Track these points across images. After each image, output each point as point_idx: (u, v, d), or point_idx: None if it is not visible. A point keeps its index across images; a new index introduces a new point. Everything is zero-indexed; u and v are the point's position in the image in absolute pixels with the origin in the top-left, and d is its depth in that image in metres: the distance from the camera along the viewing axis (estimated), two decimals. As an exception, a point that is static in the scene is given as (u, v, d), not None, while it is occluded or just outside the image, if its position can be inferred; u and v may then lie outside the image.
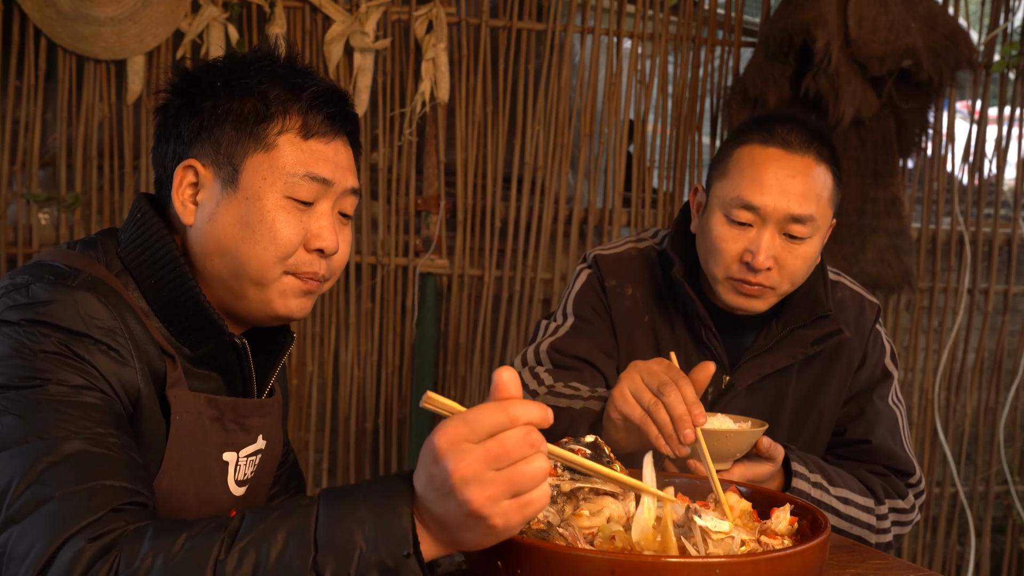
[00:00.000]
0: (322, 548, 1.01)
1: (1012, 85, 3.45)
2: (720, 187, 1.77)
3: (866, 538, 1.78)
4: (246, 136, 1.32)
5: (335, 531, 1.01)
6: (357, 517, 1.01)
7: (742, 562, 1.08)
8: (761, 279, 1.73)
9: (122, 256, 1.33)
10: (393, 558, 1.00)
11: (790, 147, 1.73)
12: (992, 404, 3.59)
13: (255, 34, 3.08)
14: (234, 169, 1.31)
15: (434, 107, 3.20)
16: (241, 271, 1.32)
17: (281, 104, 1.33)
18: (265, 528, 1.03)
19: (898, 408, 1.90)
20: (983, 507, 3.63)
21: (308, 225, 1.34)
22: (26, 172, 3.08)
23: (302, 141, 1.33)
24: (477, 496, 0.96)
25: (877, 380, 1.89)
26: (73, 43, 2.96)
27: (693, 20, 3.36)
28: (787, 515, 1.28)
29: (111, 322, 1.22)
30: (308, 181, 1.33)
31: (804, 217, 1.71)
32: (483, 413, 0.96)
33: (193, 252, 1.34)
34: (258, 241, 1.31)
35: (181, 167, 1.32)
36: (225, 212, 1.31)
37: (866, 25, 3.04)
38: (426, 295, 3.27)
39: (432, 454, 0.97)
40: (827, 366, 1.86)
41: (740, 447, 1.59)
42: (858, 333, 1.89)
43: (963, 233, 3.51)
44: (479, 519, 0.97)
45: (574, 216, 3.36)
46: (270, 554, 1.01)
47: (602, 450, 1.35)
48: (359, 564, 1.00)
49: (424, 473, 0.99)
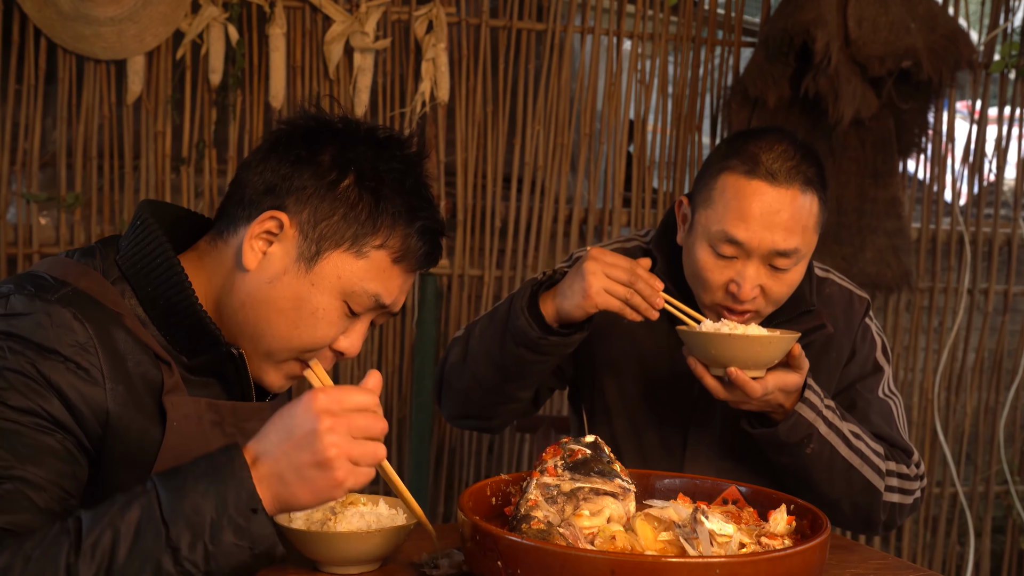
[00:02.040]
0: (172, 524, 1.08)
1: (1012, 85, 3.45)
2: (704, 216, 1.75)
3: (876, 484, 1.77)
4: (347, 231, 1.30)
5: (181, 506, 1.08)
6: (200, 490, 1.09)
7: (742, 562, 1.08)
8: (746, 306, 1.74)
9: (120, 264, 1.32)
10: (243, 516, 1.09)
11: (776, 180, 1.70)
12: (992, 404, 3.59)
13: (255, 34, 3.08)
14: (318, 251, 1.30)
15: (434, 107, 3.20)
16: (262, 339, 1.32)
17: (392, 221, 1.31)
18: (110, 520, 1.08)
19: (892, 399, 1.90)
20: (983, 507, 3.63)
21: (345, 328, 1.34)
22: (26, 172, 3.08)
23: (390, 263, 1.32)
24: (334, 448, 1.10)
25: (868, 374, 1.90)
26: (73, 43, 2.96)
27: (693, 20, 3.36)
28: (784, 516, 1.29)
29: (84, 340, 1.21)
30: (371, 299, 1.33)
31: (789, 251, 1.71)
32: (356, 392, 1.14)
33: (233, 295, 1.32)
34: (298, 328, 1.31)
35: (269, 214, 1.29)
36: (287, 284, 1.30)
37: (866, 25, 3.04)
38: (426, 295, 3.27)
39: (308, 409, 1.11)
40: (816, 362, 1.86)
41: (776, 354, 1.62)
42: (847, 327, 1.89)
43: (963, 233, 3.51)
44: (326, 470, 1.10)
45: (574, 216, 3.36)
46: (121, 543, 1.07)
47: (602, 450, 1.35)
48: (212, 530, 1.08)
49: (281, 429, 1.12)
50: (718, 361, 1.63)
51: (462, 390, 1.89)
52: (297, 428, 1.11)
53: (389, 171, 1.32)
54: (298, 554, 1.34)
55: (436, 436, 3.36)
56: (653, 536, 1.20)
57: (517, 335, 1.73)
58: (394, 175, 1.32)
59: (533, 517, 1.21)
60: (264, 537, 1.10)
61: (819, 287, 1.90)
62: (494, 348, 1.79)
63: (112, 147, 3.11)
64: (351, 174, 1.31)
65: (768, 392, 1.65)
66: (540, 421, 2.31)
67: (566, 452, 1.32)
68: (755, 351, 1.60)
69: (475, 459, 3.40)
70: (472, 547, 1.18)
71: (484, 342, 1.82)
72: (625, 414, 1.93)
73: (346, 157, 1.31)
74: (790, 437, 1.70)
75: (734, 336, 1.61)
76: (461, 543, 1.26)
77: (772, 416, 1.72)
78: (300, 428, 1.11)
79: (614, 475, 1.30)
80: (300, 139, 1.33)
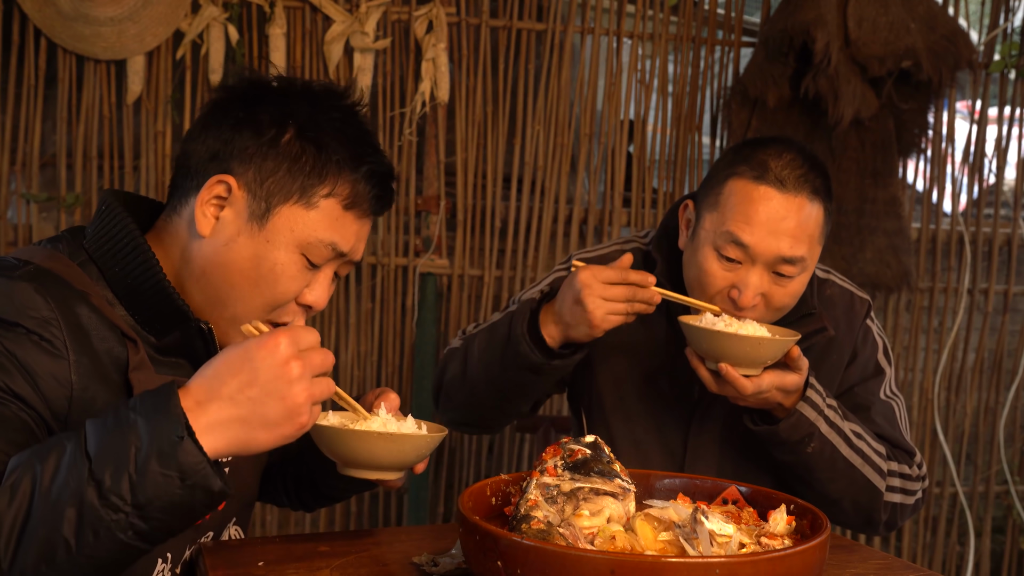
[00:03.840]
0: (96, 457, 1.04)
1: (1012, 85, 3.45)
2: (710, 219, 1.74)
3: (877, 484, 1.77)
4: (294, 184, 1.31)
5: (106, 440, 1.05)
6: (128, 422, 1.06)
7: (742, 562, 1.08)
8: (746, 314, 1.73)
9: (87, 247, 1.34)
10: (169, 443, 1.04)
11: (784, 187, 1.69)
12: (992, 404, 3.59)
13: (255, 34, 3.08)
14: (268, 208, 1.31)
15: (434, 107, 3.20)
16: (227, 303, 1.33)
17: (338, 168, 1.33)
18: (31, 460, 1.06)
19: (894, 400, 1.90)
20: (983, 507, 3.63)
21: (308, 281, 1.35)
22: (26, 172, 3.08)
23: (341, 210, 1.34)
24: (302, 392, 1.10)
25: (869, 376, 1.89)
26: (73, 43, 2.96)
27: (693, 20, 3.36)
28: (784, 516, 1.28)
29: (46, 312, 1.22)
30: (328, 249, 1.34)
31: (795, 259, 1.70)
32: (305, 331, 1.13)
33: (192, 263, 1.34)
34: (259, 287, 1.32)
35: (216, 179, 1.31)
36: (243, 245, 1.31)
37: (866, 26, 3.04)
38: (426, 295, 3.27)
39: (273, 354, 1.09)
40: (817, 363, 1.86)
41: (769, 354, 1.63)
42: (848, 329, 1.89)
43: (963, 233, 3.51)
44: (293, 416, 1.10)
45: (574, 216, 3.36)
46: (43, 479, 1.04)
47: (602, 450, 1.35)
48: (136, 461, 1.04)
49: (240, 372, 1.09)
50: (712, 356, 1.65)
51: (462, 402, 1.90)
52: (262, 374, 1.09)
53: (329, 121, 1.34)
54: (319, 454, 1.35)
55: (436, 436, 3.36)
56: (653, 536, 1.20)
57: (520, 360, 1.73)
58: (334, 124, 1.34)
59: (533, 517, 1.21)
60: (194, 466, 1.05)
61: (820, 288, 1.90)
62: (495, 370, 1.79)
63: (112, 147, 3.11)
64: (291, 128, 1.32)
65: (763, 391, 1.65)
66: (540, 421, 2.31)
67: (566, 452, 1.32)
68: (747, 350, 1.62)
69: (475, 459, 3.40)
70: (472, 547, 1.18)
71: (484, 363, 1.82)
72: (624, 416, 1.93)
73: (284, 112, 1.33)
74: (791, 435, 1.70)
75: (726, 334, 1.62)
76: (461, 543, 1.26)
77: (775, 413, 1.72)
78: (266, 374, 1.09)
79: (614, 475, 1.30)
80: (238, 102, 1.34)
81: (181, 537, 1.38)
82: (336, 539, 1.46)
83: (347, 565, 1.35)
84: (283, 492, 1.68)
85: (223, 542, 1.48)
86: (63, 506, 1.03)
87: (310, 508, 1.70)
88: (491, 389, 1.83)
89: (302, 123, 1.33)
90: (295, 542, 1.43)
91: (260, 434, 1.10)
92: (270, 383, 1.09)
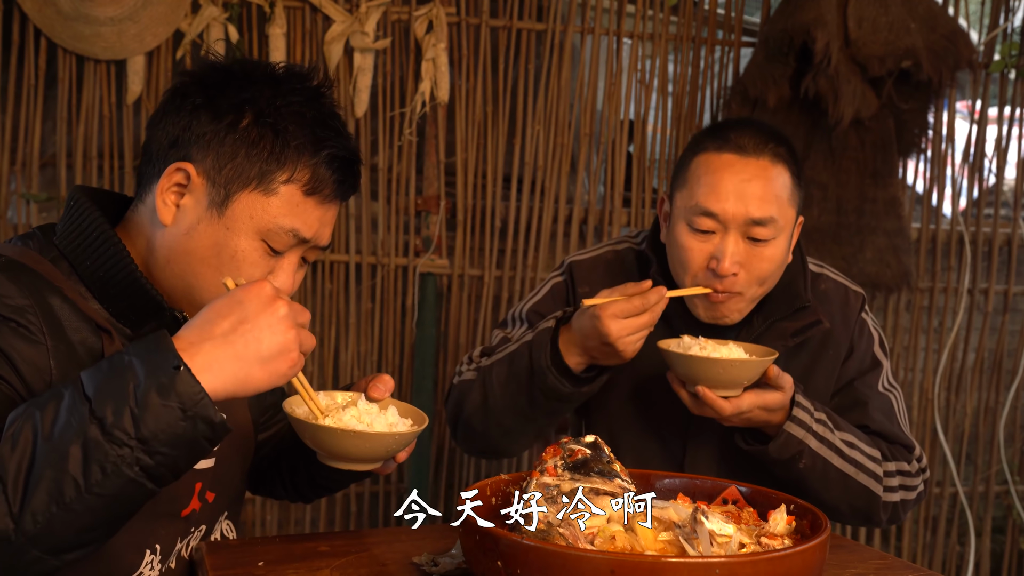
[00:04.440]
0: (95, 398, 1.05)
1: (1012, 85, 3.45)
2: (680, 197, 1.78)
3: (873, 489, 1.78)
4: (252, 170, 1.30)
5: (103, 381, 1.06)
6: (123, 363, 1.08)
7: (742, 562, 1.08)
8: (728, 284, 1.74)
9: (58, 243, 1.34)
10: (167, 375, 1.06)
11: (744, 151, 1.74)
12: (992, 404, 3.59)
13: (255, 34, 3.08)
14: (227, 195, 1.30)
15: (434, 107, 3.20)
16: (193, 291, 1.33)
17: (297, 154, 1.31)
18: (28, 411, 1.07)
19: (891, 393, 1.90)
20: (983, 507, 3.63)
21: (271, 267, 1.34)
22: (26, 172, 3.08)
23: (301, 196, 1.32)
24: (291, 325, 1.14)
25: (867, 369, 1.90)
26: (73, 43, 2.96)
27: (693, 20, 3.36)
28: (783, 516, 1.28)
29: (21, 300, 1.22)
30: (289, 235, 1.32)
31: (764, 219, 1.72)
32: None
33: (156, 252, 1.34)
34: (221, 273, 1.30)
35: (175, 167, 1.31)
36: (204, 232, 1.31)
37: (866, 25, 3.04)
38: (426, 295, 3.27)
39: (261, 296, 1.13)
40: (814, 358, 1.87)
41: (749, 375, 1.64)
42: (844, 323, 1.89)
43: (963, 233, 3.51)
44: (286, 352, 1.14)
45: (574, 216, 3.36)
46: (43, 426, 1.05)
47: (602, 450, 1.35)
48: (136, 396, 1.05)
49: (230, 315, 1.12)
50: (690, 380, 1.68)
51: (486, 434, 1.89)
52: (252, 311, 1.12)
53: (288, 104, 1.32)
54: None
55: (436, 436, 3.36)
56: (653, 536, 1.20)
57: (548, 392, 1.74)
58: (294, 108, 1.32)
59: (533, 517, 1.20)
60: (192, 396, 1.07)
61: (814, 283, 1.90)
62: (522, 403, 1.79)
63: (112, 147, 3.11)
64: (249, 113, 1.31)
65: (743, 412, 1.66)
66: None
67: (566, 452, 1.32)
68: (722, 372, 1.63)
69: (475, 459, 3.40)
70: (472, 547, 1.18)
71: (509, 395, 1.81)
72: (624, 417, 1.93)
73: (241, 97, 1.31)
74: (781, 454, 1.71)
75: (700, 357, 1.65)
76: (461, 543, 1.26)
77: (765, 431, 1.73)
78: (256, 310, 1.12)
79: (614, 475, 1.30)
80: (197, 87, 1.33)
81: (171, 529, 1.38)
82: (336, 539, 1.46)
83: (347, 565, 1.35)
84: (280, 484, 1.68)
85: (223, 542, 1.48)
86: (67, 445, 1.04)
87: (308, 499, 1.70)
88: (519, 420, 1.82)
89: (261, 107, 1.31)
90: (295, 542, 1.43)
91: (256, 370, 1.13)
92: (261, 318, 1.12)
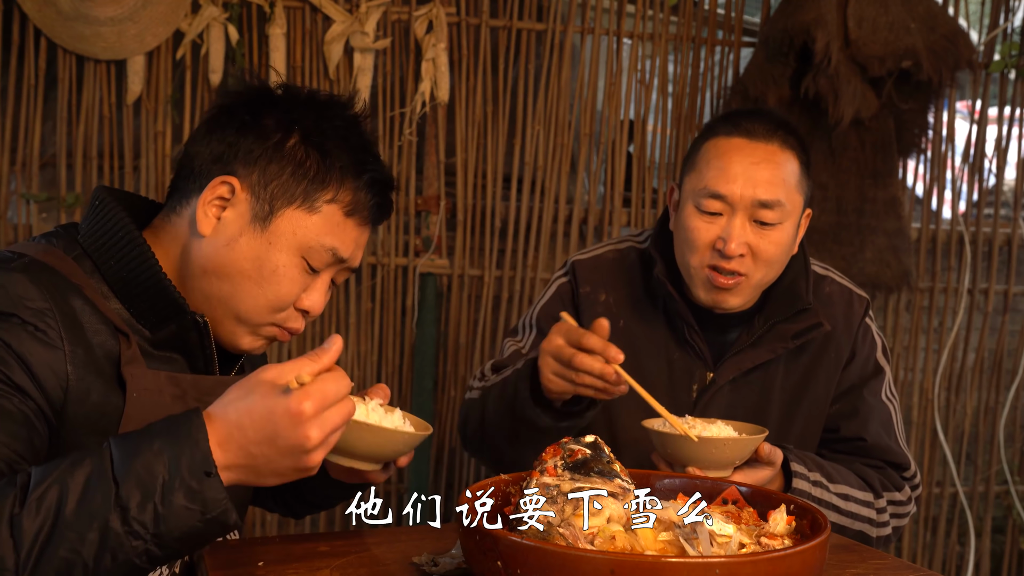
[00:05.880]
0: (123, 483, 1.05)
1: (1012, 85, 3.45)
2: (690, 180, 1.80)
3: (867, 532, 1.79)
4: (297, 188, 1.33)
5: (134, 465, 1.06)
6: (154, 449, 1.07)
7: (742, 562, 1.08)
8: (734, 266, 1.75)
9: (82, 242, 1.35)
10: (196, 479, 1.07)
11: (753, 135, 1.76)
12: (992, 404, 3.59)
13: (255, 34, 3.08)
14: (271, 210, 1.33)
15: (434, 107, 3.20)
16: (232, 303, 1.35)
17: (341, 175, 1.35)
18: (59, 476, 1.06)
19: (891, 403, 1.91)
20: (983, 507, 3.63)
21: (307, 285, 1.37)
22: (26, 172, 3.08)
23: (342, 217, 1.36)
24: (318, 457, 1.11)
25: (869, 376, 1.90)
26: (73, 43, 2.96)
27: (693, 20, 3.36)
28: (784, 516, 1.28)
29: (41, 303, 1.23)
30: (328, 254, 1.36)
31: (771, 202, 1.73)
32: (333, 383, 1.11)
33: (193, 262, 1.35)
34: (262, 288, 1.34)
35: (220, 179, 1.33)
36: (245, 245, 1.33)
37: (866, 26, 3.04)
38: (426, 295, 3.27)
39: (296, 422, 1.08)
40: (815, 360, 1.87)
41: (740, 454, 1.59)
42: (846, 327, 1.89)
43: (963, 233, 3.51)
44: (304, 471, 1.12)
45: (574, 216, 3.36)
46: (69, 498, 1.05)
47: (602, 450, 1.35)
48: (163, 492, 1.06)
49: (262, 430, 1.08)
50: (678, 461, 1.57)
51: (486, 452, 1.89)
52: (282, 439, 1.10)
53: (332, 128, 1.36)
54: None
55: (436, 436, 3.36)
56: (653, 536, 1.20)
57: (528, 423, 1.70)
58: (338, 132, 1.36)
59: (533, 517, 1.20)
60: (217, 502, 1.08)
61: (818, 285, 1.90)
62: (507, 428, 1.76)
63: (112, 147, 3.11)
64: (296, 133, 1.34)
65: None
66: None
67: (566, 452, 1.32)
68: (712, 452, 1.54)
69: (475, 460, 3.40)
70: (472, 547, 1.18)
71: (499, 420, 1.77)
72: (625, 415, 1.93)
73: (289, 118, 1.35)
74: None
75: (688, 438, 1.54)
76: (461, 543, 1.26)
77: None
78: (286, 440, 1.09)
79: (614, 475, 1.30)
80: (243, 107, 1.36)
81: None
82: (336, 539, 1.46)
83: (347, 565, 1.35)
84: (270, 497, 1.70)
85: (223, 542, 1.48)
86: (86, 529, 1.05)
87: (297, 515, 1.71)
88: (512, 444, 1.79)
89: (307, 129, 1.35)
90: (295, 542, 1.43)
91: (268, 479, 1.14)
92: (287, 448, 1.10)
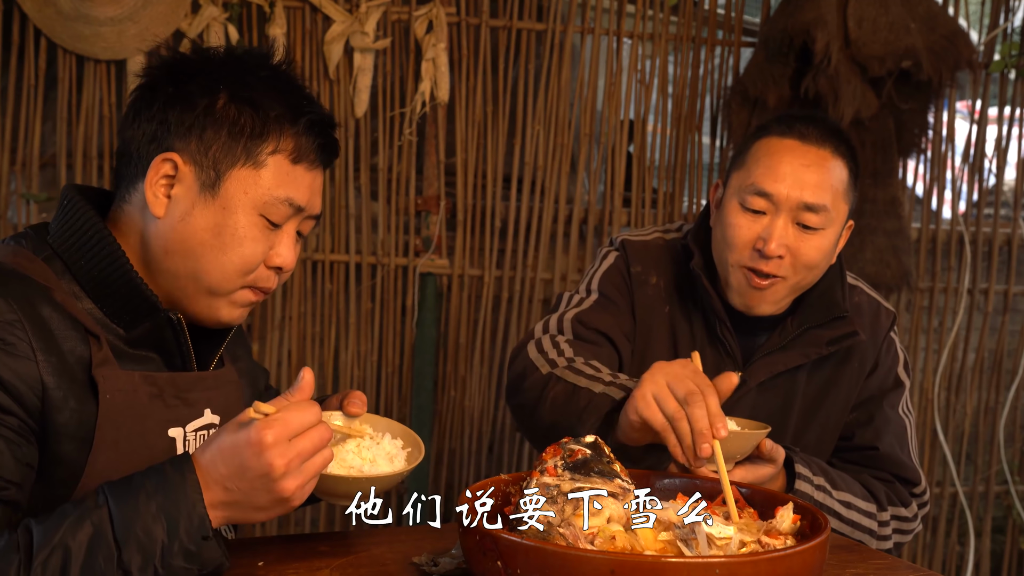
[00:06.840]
0: (124, 547, 1.11)
1: (1012, 85, 3.45)
2: (737, 176, 1.79)
3: (867, 543, 1.78)
4: (237, 147, 1.32)
5: (133, 527, 1.12)
6: (152, 512, 1.13)
7: (742, 562, 1.08)
8: (772, 267, 1.73)
9: (52, 242, 1.34)
10: (195, 543, 1.13)
11: (806, 139, 1.75)
12: (992, 404, 3.59)
13: (255, 34, 3.08)
14: (217, 176, 1.32)
15: (434, 107, 3.20)
16: (200, 276, 1.33)
17: (278, 124, 1.34)
18: (61, 538, 1.11)
19: (907, 418, 1.90)
20: (983, 507, 3.63)
21: (272, 243, 1.36)
22: (26, 172, 3.08)
23: (290, 165, 1.35)
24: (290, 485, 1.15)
25: (889, 388, 1.90)
26: (73, 43, 2.96)
27: (693, 20, 3.36)
28: (790, 514, 1.28)
29: (8, 315, 1.21)
30: (285, 205, 1.35)
31: (817, 206, 1.72)
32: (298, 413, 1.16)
33: (152, 245, 1.34)
34: (226, 253, 1.32)
35: (160, 158, 1.32)
36: (200, 216, 1.32)
37: (866, 26, 3.04)
38: (426, 295, 3.27)
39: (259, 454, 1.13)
40: (838, 368, 1.86)
41: (742, 449, 1.59)
42: (872, 339, 1.89)
43: (963, 233, 3.51)
44: (283, 504, 1.17)
45: (574, 216, 3.36)
46: (72, 564, 1.10)
47: (602, 450, 1.35)
48: (163, 555, 1.12)
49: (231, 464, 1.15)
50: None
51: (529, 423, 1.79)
52: (249, 470, 1.14)
53: (258, 80, 1.35)
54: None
55: (436, 436, 3.36)
56: (653, 536, 1.20)
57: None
58: (264, 82, 1.35)
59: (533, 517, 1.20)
60: (213, 560, 1.16)
61: (849, 294, 1.89)
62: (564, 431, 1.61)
63: (112, 147, 3.11)
64: (223, 94, 1.33)
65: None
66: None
67: (566, 452, 1.32)
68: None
69: (475, 459, 3.40)
70: (472, 547, 1.18)
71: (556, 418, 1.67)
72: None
73: (212, 80, 1.33)
74: None
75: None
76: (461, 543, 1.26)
77: None
78: (253, 471, 1.14)
79: (614, 475, 1.30)
80: (164, 81, 1.36)
81: None
82: (336, 539, 1.46)
83: (347, 565, 1.35)
84: None
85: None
86: None
87: None
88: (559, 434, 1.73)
89: (233, 87, 1.33)
90: (295, 542, 1.43)
91: (254, 515, 1.18)
92: (256, 480, 1.15)
